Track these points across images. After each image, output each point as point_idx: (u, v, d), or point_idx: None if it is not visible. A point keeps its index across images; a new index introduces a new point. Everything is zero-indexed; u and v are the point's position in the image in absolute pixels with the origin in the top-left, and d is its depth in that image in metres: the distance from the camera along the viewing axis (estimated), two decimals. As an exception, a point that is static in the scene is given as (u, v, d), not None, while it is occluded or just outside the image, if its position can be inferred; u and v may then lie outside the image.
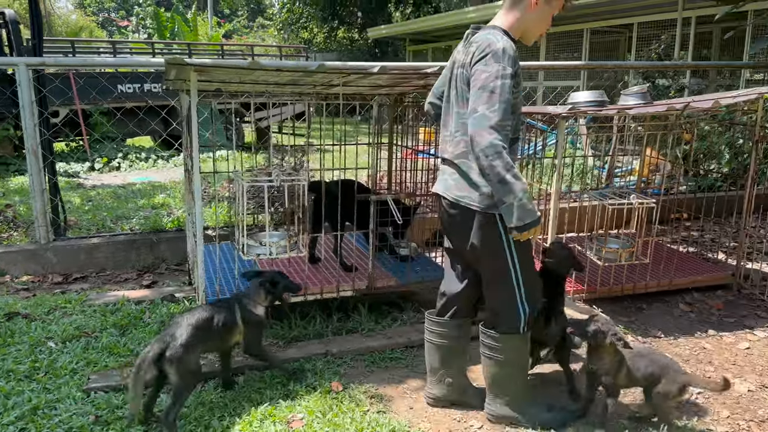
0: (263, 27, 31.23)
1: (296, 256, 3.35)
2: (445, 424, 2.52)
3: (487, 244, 2.30)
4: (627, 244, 3.67)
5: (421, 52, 17.37)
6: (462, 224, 2.34)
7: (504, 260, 2.31)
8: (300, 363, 2.93)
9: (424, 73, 3.07)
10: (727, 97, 3.46)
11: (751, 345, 3.23)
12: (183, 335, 2.34)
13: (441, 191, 2.42)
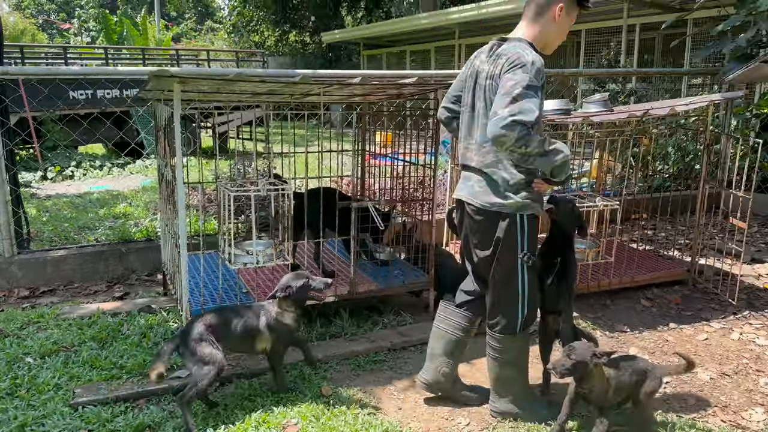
0: (213, 30, 30.76)
1: (277, 265, 3.38)
2: (435, 422, 2.62)
3: (507, 246, 2.43)
4: (593, 244, 3.86)
5: (375, 56, 17.51)
6: (487, 229, 2.45)
7: (517, 262, 2.45)
8: (287, 370, 2.97)
9: (402, 84, 3.16)
10: (681, 104, 3.70)
11: (709, 336, 3.47)
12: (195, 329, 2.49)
13: (466, 197, 2.51)
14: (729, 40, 5.96)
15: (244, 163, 5.52)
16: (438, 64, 14.98)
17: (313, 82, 2.95)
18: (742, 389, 2.87)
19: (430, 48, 14.98)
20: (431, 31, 14.00)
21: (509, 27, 9.00)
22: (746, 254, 4.77)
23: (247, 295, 3.31)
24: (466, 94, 2.55)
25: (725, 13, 6.28)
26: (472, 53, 2.56)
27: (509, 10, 10.87)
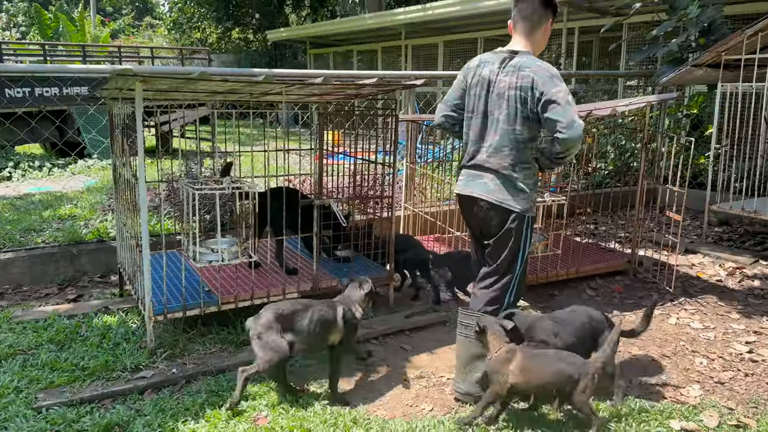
0: (152, 27, 29.87)
1: (239, 263, 3.41)
2: (400, 409, 2.72)
3: (515, 239, 2.70)
4: (542, 237, 4.06)
5: (322, 55, 17.50)
6: (499, 223, 2.69)
7: (517, 255, 2.72)
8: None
9: (362, 84, 3.25)
10: (622, 105, 3.95)
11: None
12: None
13: (480, 194, 2.71)
14: (662, 45, 6.35)
15: (197, 163, 5.45)
16: (385, 64, 15.13)
17: (276, 81, 3.00)
18: (680, 369, 3.12)
19: (377, 48, 15.11)
20: (377, 32, 14.12)
21: (454, 29, 9.30)
22: (681, 245, 5.11)
23: (210, 294, 3.32)
24: (475, 101, 2.75)
25: (658, 18, 6.68)
26: (418, 54, 2.81)
27: (454, 12, 11.11)
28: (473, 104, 2.76)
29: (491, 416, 2.54)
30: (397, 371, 3.06)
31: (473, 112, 2.76)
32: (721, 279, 4.52)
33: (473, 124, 2.77)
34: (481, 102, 2.72)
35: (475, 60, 2.82)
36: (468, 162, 2.80)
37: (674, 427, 2.54)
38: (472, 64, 2.82)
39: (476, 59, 2.82)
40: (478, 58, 2.81)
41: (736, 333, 3.55)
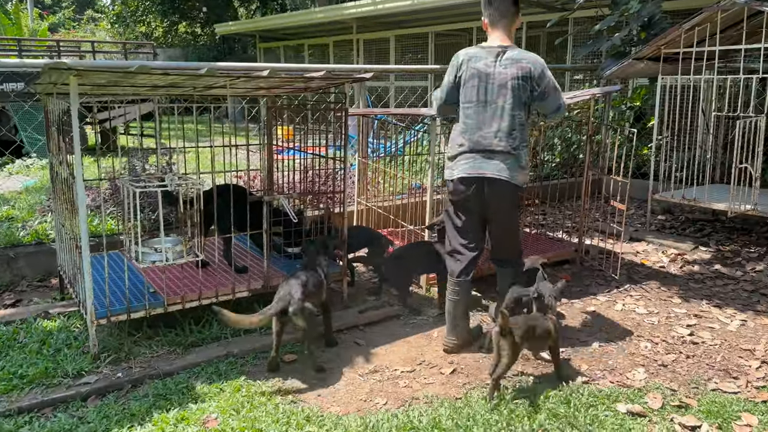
0: (94, 20, 28.74)
1: (185, 263, 3.32)
2: (354, 404, 2.71)
3: (514, 206, 3.17)
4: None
5: (272, 49, 17.24)
6: (510, 198, 3.10)
7: (516, 218, 3.29)
8: (202, 367, 2.95)
9: (310, 77, 3.20)
10: (567, 97, 4.02)
11: (597, 308, 3.82)
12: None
13: (494, 173, 3.03)
14: (605, 39, 6.51)
15: (142, 160, 5.29)
16: (337, 58, 15.02)
17: (219, 74, 2.92)
18: (626, 353, 3.21)
19: (329, 42, 14.99)
20: (328, 25, 14.01)
21: (405, 23, 9.31)
22: (626, 234, 5.27)
23: (155, 295, 3.22)
24: (472, 92, 3.04)
25: (602, 13, 6.85)
26: (370, 48, 2.92)
27: (404, 6, 11.12)
28: (470, 95, 3.05)
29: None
30: (352, 366, 3.04)
31: (471, 102, 3.05)
32: (663, 265, 4.68)
33: (472, 113, 3.05)
34: (480, 92, 3.02)
35: (462, 56, 3.07)
36: (471, 147, 3.06)
37: (620, 410, 2.62)
38: (460, 60, 3.07)
39: (463, 55, 3.08)
40: (466, 54, 3.07)
41: (678, 317, 3.68)
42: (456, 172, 3.11)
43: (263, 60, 17.31)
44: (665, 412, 2.62)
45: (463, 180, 3.08)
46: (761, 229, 5.44)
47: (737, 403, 2.68)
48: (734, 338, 3.39)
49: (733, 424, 2.53)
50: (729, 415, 2.59)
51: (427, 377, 2.95)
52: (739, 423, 2.54)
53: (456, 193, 3.13)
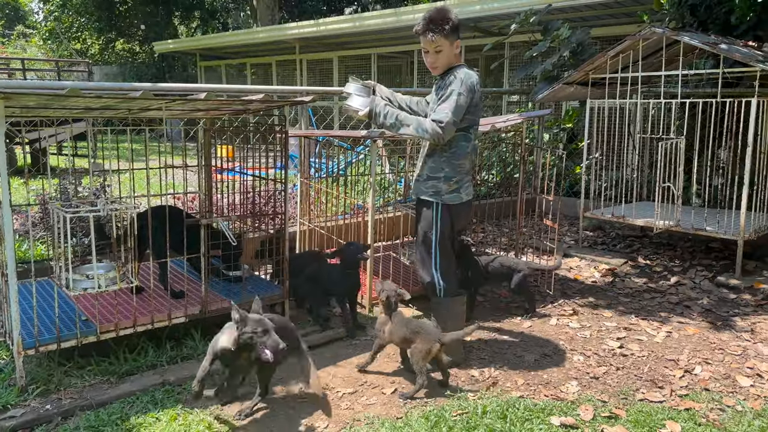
0: (25, 36, 27.66)
1: (120, 289, 3.23)
2: (293, 430, 2.69)
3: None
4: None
5: (213, 68, 17.04)
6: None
7: None
8: (137, 396, 2.86)
9: (249, 100, 3.21)
10: (500, 121, 4.18)
11: (532, 323, 3.94)
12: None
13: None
14: (538, 64, 6.80)
15: (72, 182, 5.11)
16: (280, 78, 15.00)
17: (154, 97, 2.88)
18: (560, 367, 3.33)
19: (272, 62, 14.96)
20: (271, 45, 14.00)
21: (348, 44, 9.44)
22: (559, 250, 5.47)
23: (87, 323, 3.11)
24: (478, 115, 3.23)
25: (535, 39, 7.16)
26: (314, 68, 2.95)
27: (346, 28, 11.28)
28: (478, 117, 3.24)
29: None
30: (292, 390, 3.02)
31: (477, 125, 3.23)
32: (595, 280, 4.88)
33: (472, 135, 3.19)
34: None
35: (475, 77, 3.09)
36: (468, 170, 3.22)
37: (554, 422, 2.71)
38: (475, 82, 3.08)
39: (476, 77, 3.10)
40: (476, 76, 3.12)
41: (609, 330, 3.84)
42: (463, 196, 3.18)
43: (204, 78, 17.08)
44: (596, 423, 2.73)
45: (469, 203, 3.25)
46: (685, 243, 5.76)
47: (662, 412, 2.82)
48: (660, 349, 3.57)
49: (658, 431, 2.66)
50: (654, 424, 2.72)
51: (369, 398, 2.97)
52: (664, 431, 2.67)
53: (462, 216, 3.24)
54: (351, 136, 4.63)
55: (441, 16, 3.06)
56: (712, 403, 2.93)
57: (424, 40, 3.11)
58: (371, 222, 3.87)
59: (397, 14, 10.12)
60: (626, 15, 8.46)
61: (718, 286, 4.65)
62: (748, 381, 3.16)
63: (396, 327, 3.09)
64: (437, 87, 3.17)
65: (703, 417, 2.78)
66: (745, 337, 3.73)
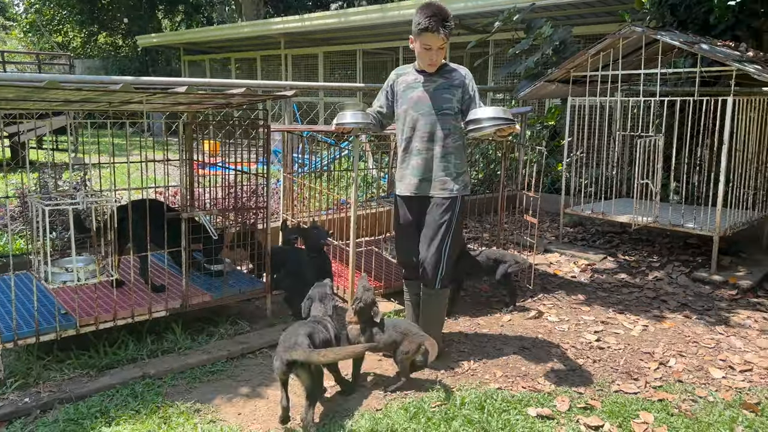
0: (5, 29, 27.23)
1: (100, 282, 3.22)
2: (274, 422, 2.70)
3: None
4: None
5: (197, 62, 16.91)
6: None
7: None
8: (117, 389, 2.86)
9: (230, 94, 3.21)
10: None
11: (512, 317, 3.99)
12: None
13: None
14: (521, 61, 6.86)
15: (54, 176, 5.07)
16: (265, 73, 14.94)
17: (135, 90, 2.88)
18: (538, 359, 3.38)
19: (256, 56, 14.89)
20: (256, 40, 13.93)
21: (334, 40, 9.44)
22: (540, 246, 5.54)
23: (67, 316, 3.10)
24: None
25: (518, 37, 7.21)
26: (299, 63, 2.95)
27: (332, 24, 11.26)
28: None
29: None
30: (274, 383, 3.04)
31: None
32: (575, 275, 4.95)
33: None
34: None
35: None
36: None
37: (531, 413, 2.75)
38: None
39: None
40: None
41: (587, 324, 3.90)
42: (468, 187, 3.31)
43: (188, 73, 16.95)
44: (572, 414, 2.78)
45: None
46: (663, 239, 5.86)
47: (636, 403, 2.88)
48: (636, 342, 3.64)
49: (632, 422, 2.72)
50: (629, 414, 2.78)
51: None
52: (638, 421, 2.73)
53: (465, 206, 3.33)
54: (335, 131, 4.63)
55: (446, 14, 3.04)
56: (685, 394, 2.99)
57: (433, 37, 3.02)
58: (353, 217, 3.89)
59: (382, 10, 10.12)
60: (609, 14, 8.55)
61: (694, 281, 4.74)
62: (720, 373, 3.24)
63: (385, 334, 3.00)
64: (439, 87, 3.17)
65: (676, 408, 2.85)
66: (719, 331, 3.82)
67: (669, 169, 5.24)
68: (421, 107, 3.16)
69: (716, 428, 2.68)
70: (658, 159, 4.90)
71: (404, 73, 3.28)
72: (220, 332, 3.52)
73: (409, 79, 3.23)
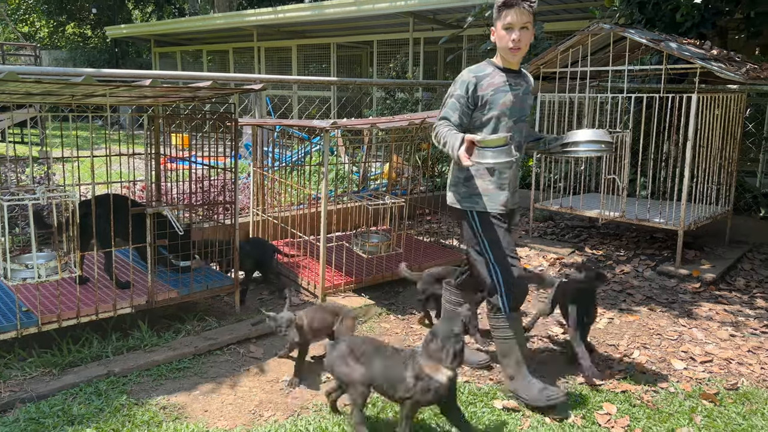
0: (-33, 17, 26.39)
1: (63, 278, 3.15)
2: (241, 418, 2.69)
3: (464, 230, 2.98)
4: (385, 237, 4.23)
5: (168, 54, 16.64)
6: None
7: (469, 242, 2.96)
8: (80, 388, 2.81)
9: (196, 87, 3.16)
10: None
11: (481, 311, 4.01)
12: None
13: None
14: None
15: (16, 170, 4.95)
16: (238, 65, 14.78)
17: (97, 83, 2.82)
18: (506, 353, 3.41)
19: (229, 49, 14.71)
20: (228, 32, 13.76)
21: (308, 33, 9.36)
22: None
23: (28, 314, 3.04)
24: None
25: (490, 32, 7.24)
26: (272, 56, 2.84)
27: (305, 16, 11.17)
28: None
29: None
30: (243, 380, 3.02)
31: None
32: (543, 269, 5.01)
33: None
34: None
35: None
36: None
37: (497, 406, 2.79)
38: None
39: None
40: None
41: (553, 317, 3.95)
42: None
43: (159, 65, 16.68)
44: (537, 407, 2.82)
45: None
46: (630, 234, 5.96)
47: (600, 394, 2.94)
48: (602, 335, 3.70)
49: (596, 414, 2.77)
50: (592, 406, 2.83)
51: (318, 386, 2.99)
52: (601, 412, 2.78)
53: None
54: (307, 126, 4.61)
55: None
56: (648, 385, 3.06)
57: (516, 13, 2.66)
58: (324, 211, 3.88)
59: (357, 3, 10.07)
60: (580, 10, 8.65)
61: (659, 275, 4.83)
62: (682, 364, 3.31)
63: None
64: (525, 91, 2.87)
65: (638, 399, 2.91)
66: (682, 323, 3.90)
67: (637, 165, 5.33)
68: (515, 113, 2.83)
69: (676, 418, 2.75)
70: (625, 155, 4.98)
71: (486, 74, 2.78)
72: (187, 328, 3.48)
73: (496, 81, 2.77)
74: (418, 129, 5.13)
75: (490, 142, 2.48)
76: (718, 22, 5.86)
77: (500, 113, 2.79)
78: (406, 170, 6.37)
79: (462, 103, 2.75)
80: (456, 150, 2.52)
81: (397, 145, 5.78)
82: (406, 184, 6.18)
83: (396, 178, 6.40)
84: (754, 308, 4.19)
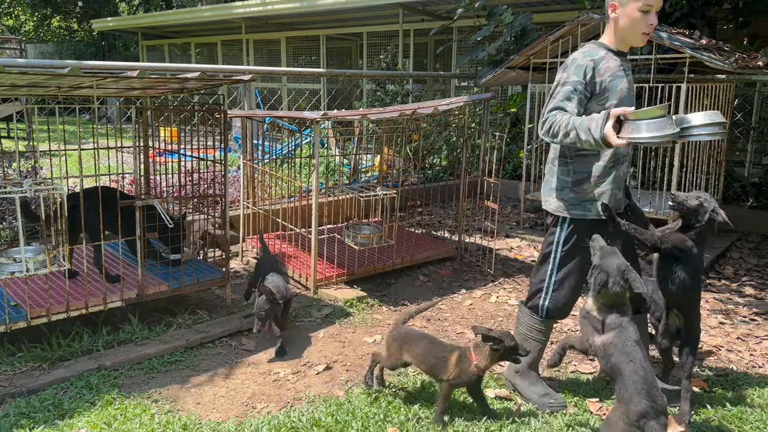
0: (-49, 10, 26.00)
1: (53, 272, 3.12)
2: (234, 410, 2.68)
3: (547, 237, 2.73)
4: (377, 229, 4.22)
5: (156, 47, 16.48)
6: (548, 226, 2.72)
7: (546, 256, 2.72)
8: (71, 381, 2.79)
9: (184, 78, 3.13)
10: (443, 104, 4.23)
11: (473, 302, 4.04)
12: None
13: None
14: (483, 48, 6.88)
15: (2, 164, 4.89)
16: (226, 58, 14.66)
17: (84, 74, 2.78)
18: (498, 343, 3.42)
19: (217, 41, 14.58)
20: (217, 24, 13.64)
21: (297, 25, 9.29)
22: (501, 231, 5.60)
23: (17, 308, 3.01)
24: None
25: (480, 24, 7.23)
26: (261, 49, 2.74)
27: (293, 8, 11.09)
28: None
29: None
30: (236, 372, 3.01)
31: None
32: (534, 260, 5.02)
33: None
34: None
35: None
36: None
37: (489, 394, 2.80)
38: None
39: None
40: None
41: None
42: None
43: (147, 58, 16.51)
44: (530, 395, 2.83)
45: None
46: (620, 224, 5.99)
47: (592, 383, 2.95)
48: (593, 324, 3.71)
49: (587, 401, 2.79)
50: (584, 394, 2.85)
51: (311, 377, 2.99)
52: (593, 400, 2.80)
53: None
54: (297, 117, 4.58)
55: None
56: (638, 373, 3.07)
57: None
58: (315, 204, 3.87)
59: (346, -5, 10.00)
60: (570, 1, 8.64)
61: (649, 264, 4.85)
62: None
63: None
64: (631, 76, 2.59)
65: (629, 386, 2.93)
66: (672, 311, 3.93)
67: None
68: (629, 101, 2.52)
69: (667, 405, 2.77)
70: (615, 145, 4.98)
71: (601, 58, 2.47)
72: (179, 322, 3.46)
73: (611, 65, 2.47)
74: (408, 120, 5.11)
75: (646, 113, 2.12)
76: (707, 12, 5.88)
77: (618, 102, 2.45)
78: (397, 162, 6.36)
79: (579, 90, 2.40)
80: (599, 129, 2.18)
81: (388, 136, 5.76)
82: (397, 176, 6.17)
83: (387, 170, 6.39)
84: (743, 296, 4.23)
